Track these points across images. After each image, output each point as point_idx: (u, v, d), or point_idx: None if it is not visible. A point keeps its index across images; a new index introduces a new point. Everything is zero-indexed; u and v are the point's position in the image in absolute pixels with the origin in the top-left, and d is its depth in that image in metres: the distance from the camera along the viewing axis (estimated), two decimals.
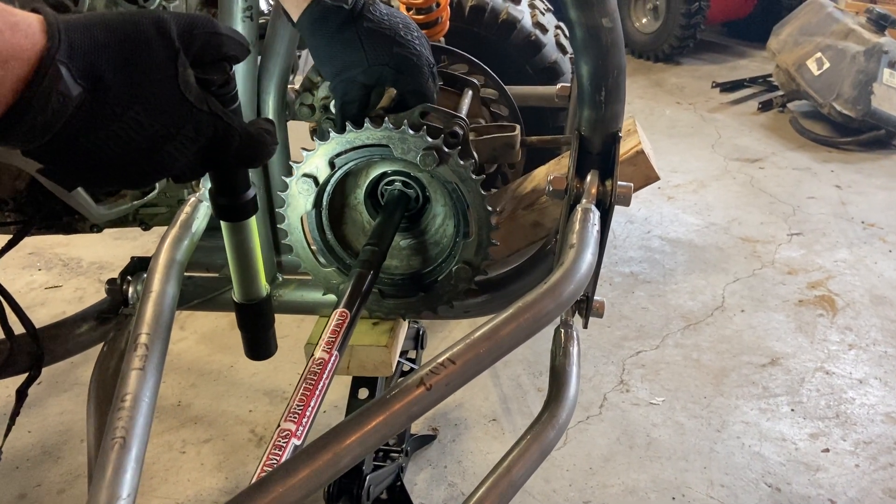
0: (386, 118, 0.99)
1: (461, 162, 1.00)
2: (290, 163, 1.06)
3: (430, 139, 0.98)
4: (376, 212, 1.15)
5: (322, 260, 1.16)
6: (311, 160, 1.04)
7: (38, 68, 0.54)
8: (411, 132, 0.98)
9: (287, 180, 1.06)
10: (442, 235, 1.15)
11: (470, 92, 1.33)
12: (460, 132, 1.05)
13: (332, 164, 1.04)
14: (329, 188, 1.09)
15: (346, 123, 1.00)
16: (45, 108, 0.55)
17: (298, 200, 1.08)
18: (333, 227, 1.15)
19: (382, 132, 0.99)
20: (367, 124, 0.98)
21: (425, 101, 1.05)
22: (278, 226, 1.13)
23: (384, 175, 1.12)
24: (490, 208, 1.04)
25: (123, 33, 0.61)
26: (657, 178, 1.31)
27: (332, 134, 1.01)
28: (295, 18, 0.98)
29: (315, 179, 1.06)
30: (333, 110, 1.43)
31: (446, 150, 0.99)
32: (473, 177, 1.01)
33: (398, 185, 1.12)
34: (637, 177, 1.29)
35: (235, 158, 0.71)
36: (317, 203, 1.09)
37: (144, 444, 0.80)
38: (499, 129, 1.29)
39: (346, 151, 1.02)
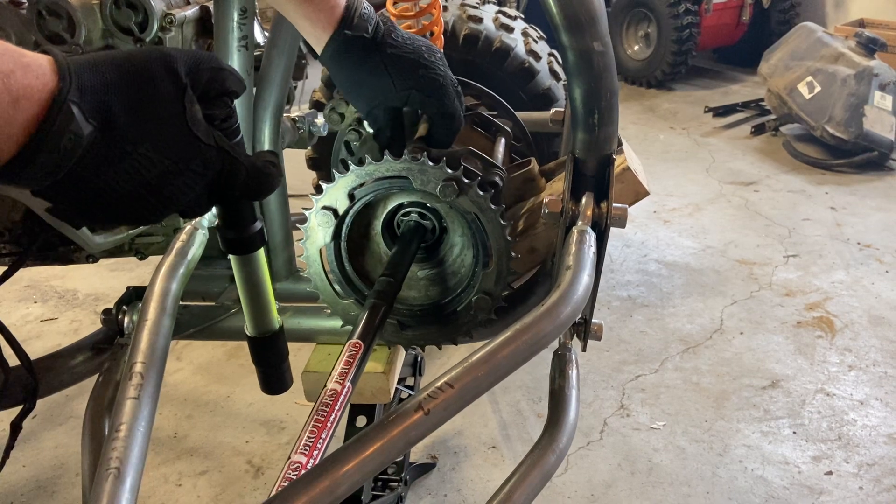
0: (405, 151, 0.99)
1: (480, 192, 1.00)
2: (310, 196, 1.06)
3: (449, 170, 0.99)
4: (393, 243, 1.15)
5: (341, 292, 1.15)
6: (331, 192, 1.04)
7: (49, 108, 0.55)
8: (430, 164, 0.98)
9: (307, 213, 1.06)
10: (460, 266, 1.15)
11: (503, 140, 1.34)
12: (500, 183, 1.06)
13: (351, 197, 1.04)
14: (348, 220, 1.09)
15: (365, 157, 1.00)
16: (56, 147, 0.56)
17: (317, 233, 1.08)
18: (352, 258, 1.15)
19: (402, 164, 0.99)
20: (386, 156, 0.99)
21: (453, 122, 1.05)
22: (297, 258, 1.12)
23: (401, 206, 1.12)
24: (510, 238, 1.04)
25: (132, 71, 0.61)
26: (647, 193, 1.31)
27: (352, 166, 1.01)
28: (319, 52, 0.99)
29: (335, 212, 1.06)
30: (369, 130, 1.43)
31: (466, 180, 0.99)
32: (493, 206, 1.01)
33: (414, 215, 1.12)
34: (626, 193, 1.29)
35: (242, 191, 0.71)
36: (336, 235, 1.09)
37: (139, 475, 0.79)
38: (516, 168, 1.30)
39: (365, 183, 1.03)
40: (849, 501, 1.85)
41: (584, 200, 1.07)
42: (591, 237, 1.00)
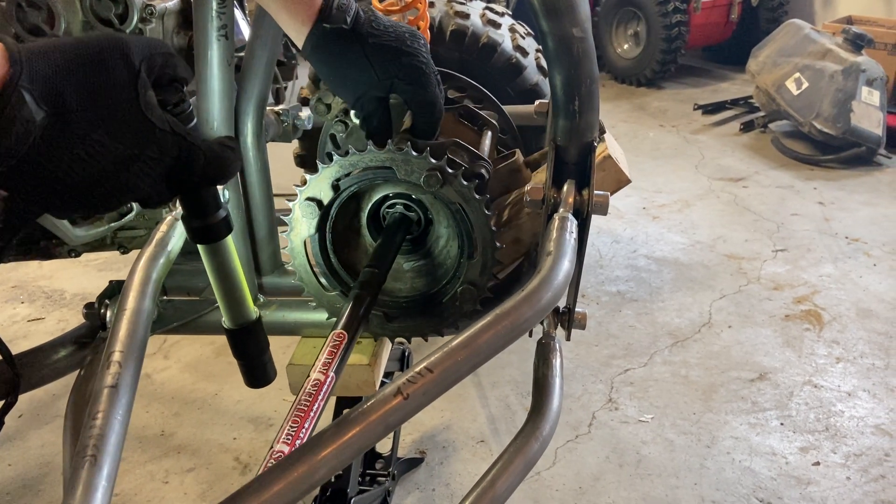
0: (389, 141, 0.99)
1: (465, 182, 1.00)
2: (294, 185, 1.06)
3: (433, 160, 0.98)
4: (378, 235, 1.15)
5: (326, 284, 1.15)
6: (315, 183, 1.03)
7: (0, 95, 0.54)
8: (415, 154, 0.98)
9: (290, 204, 1.06)
10: (446, 257, 1.14)
11: (489, 133, 1.34)
12: (486, 175, 1.06)
13: (335, 188, 1.04)
14: (333, 212, 1.08)
15: (350, 148, 1.00)
16: (8, 134, 0.55)
17: (302, 224, 1.07)
18: (337, 250, 1.14)
19: (386, 154, 0.99)
20: (370, 146, 0.98)
21: (434, 110, 1.04)
22: (282, 250, 1.11)
23: (386, 198, 1.12)
24: (495, 228, 1.03)
25: (85, 57, 0.61)
26: (629, 181, 1.30)
27: (336, 157, 1.01)
28: (300, 46, 0.98)
29: (319, 203, 1.05)
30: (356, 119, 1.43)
31: (450, 170, 0.99)
32: (477, 196, 1.01)
33: (399, 207, 1.12)
34: (608, 181, 1.28)
35: (201, 177, 0.71)
36: (320, 227, 1.09)
37: (116, 463, 0.78)
38: (501, 160, 1.30)
39: (349, 174, 1.02)
40: (836, 492, 1.86)
41: (565, 188, 1.07)
42: (572, 224, 1.00)
